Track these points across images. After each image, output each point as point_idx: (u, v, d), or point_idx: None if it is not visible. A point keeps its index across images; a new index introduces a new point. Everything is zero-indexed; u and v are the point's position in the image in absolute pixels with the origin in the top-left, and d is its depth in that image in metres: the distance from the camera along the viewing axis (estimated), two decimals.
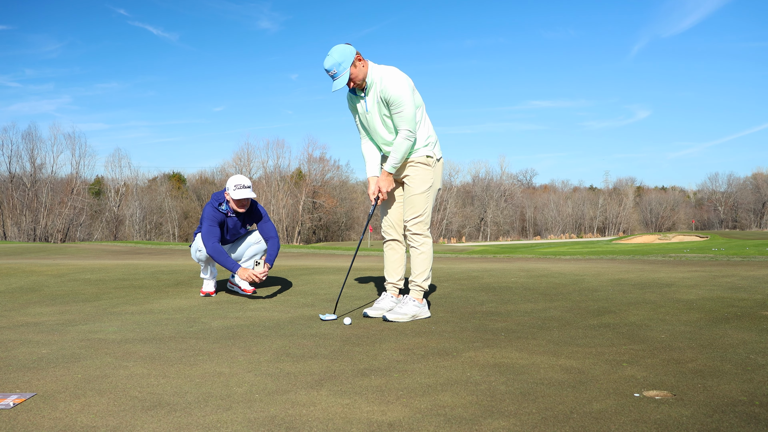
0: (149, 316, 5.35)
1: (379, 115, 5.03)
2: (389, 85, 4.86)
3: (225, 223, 6.35)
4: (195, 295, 6.61)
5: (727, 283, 6.59)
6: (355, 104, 5.16)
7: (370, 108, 5.03)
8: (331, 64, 4.79)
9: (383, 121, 5.04)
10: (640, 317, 4.92)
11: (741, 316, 4.86)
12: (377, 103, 4.98)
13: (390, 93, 4.86)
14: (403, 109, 4.87)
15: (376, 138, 5.18)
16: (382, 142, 5.17)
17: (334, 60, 4.79)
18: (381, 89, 4.90)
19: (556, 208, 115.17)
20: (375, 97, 4.97)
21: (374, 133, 5.16)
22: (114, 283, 7.64)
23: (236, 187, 6.16)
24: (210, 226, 6.19)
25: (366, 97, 5.02)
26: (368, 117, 5.08)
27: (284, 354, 3.87)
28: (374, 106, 5.00)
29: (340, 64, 4.79)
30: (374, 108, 5.01)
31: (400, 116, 4.89)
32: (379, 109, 5.00)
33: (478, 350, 3.92)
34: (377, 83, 4.93)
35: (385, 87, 4.88)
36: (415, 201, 5.12)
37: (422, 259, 5.17)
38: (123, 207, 79.49)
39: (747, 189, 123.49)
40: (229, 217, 6.34)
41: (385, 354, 3.85)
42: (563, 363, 3.56)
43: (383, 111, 4.99)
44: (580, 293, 6.19)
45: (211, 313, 5.47)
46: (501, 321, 4.91)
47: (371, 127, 5.13)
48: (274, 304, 5.95)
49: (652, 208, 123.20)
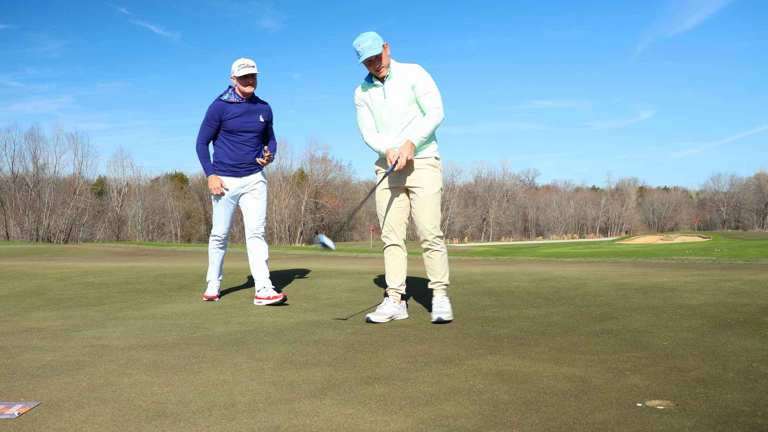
0: (152, 321, 5.36)
1: (401, 102, 5.15)
2: (418, 69, 5.18)
3: (230, 114, 6.20)
4: (198, 299, 6.62)
5: (730, 288, 6.59)
6: (369, 93, 5.29)
7: (390, 95, 5.17)
8: (367, 38, 5.06)
9: (404, 109, 5.17)
10: (642, 323, 4.93)
11: (743, 322, 4.87)
12: (400, 90, 5.14)
13: (420, 75, 5.14)
14: (431, 90, 5.15)
15: (386, 127, 5.26)
16: (392, 132, 5.25)
17: (371, 36, 5.07)
18: (408, 74, 5.14)
19: (558, 208, 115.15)
20: (398, 83, 5.15)
21: (386, 123, 5.25)
22: (117, 286, 7.66)
23: (240, 66, 6.08)
24: (205, 124, 6.27)
25: (384, 85, 5.19)
26: (385, 104, 5.20)
27: (287, 361, 3.88)
28: (396, 92, 5.16)
29: (376, 38, 5.07)
30: (395, 95, 5.16)
31: (429, 96, 5.14)
32: (402, 96, 5.15)
33: (481, 357, 3.92)
34: (402, 71, 5.17)
35: (413, 71, 5.16)
36: (430, 203, 5.25)
37: (444, 259, 5.35)
38: (125, 207, 79.57)
39: (750, 189, 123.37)
40: (232, 103, 6.21)
41: (388, 361, 3.86)
42: (566, 371, 3.56)
43: (406, 97, 5.14)
44: (583, 298, 6.20)
45: (214, 318, 5.48)
46: (504, 327, 4.92)
47: (384, 115, 5.23)
48: (276, 309, 5.96)
49: (654, 208, 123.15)
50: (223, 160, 6.30)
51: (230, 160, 6.28)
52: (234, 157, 6.28)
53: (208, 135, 6.29)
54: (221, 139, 6.30)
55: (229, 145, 6.27)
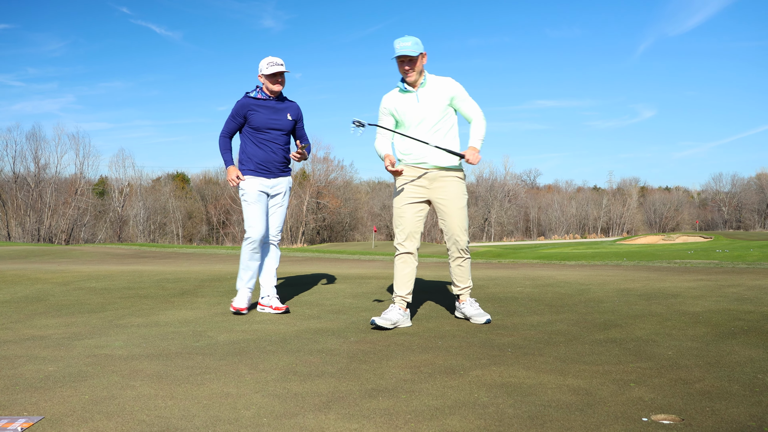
0: (155, 329, 5.35)
1: (435, 110, 5.38)
2: (455, 82, 5.47)
3: (256, 111, 6.14)
4: (201, 305, 6.61)
5: (733, 294, 6.57)
6: (399, 99, 5.46)
7: (423, 101, 5.38)
8: (409, 39, 5.27)
9: (437, 117, 5.39)
10: (646, 331, 4.91)
11: (748, 330, 4.85)
12: (435, 100, 5.38)
13: (458, 87, 5.46)
14: (470, 98, 5.50)
15: (414, 131, 5.41)
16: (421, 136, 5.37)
17: (413, 39, 5.29)
18: (446, 86, 5.42)
19: (560, 208, 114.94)
20: (434, 93, 5.39)
21: (416, 127, 5.40)
22: (119, 292, 7.65)
23: (269, 64, 6.07)
24: (230, 119, 6.24)
25: (417, 91, 5.40)
26: (417, 110, 5.38)
27: (291, 372, 3.87)
28: (430, 101, 5.38)
29: (417, 43, 5.29)
30: (429, 103, 5.38)
31: (470, 103, 5.49)
32: (436, 105, 5.38)
33: (486, 368, 3.91)
34: (438, 83, 5.43)
35: (451, 84, 5.45)
36: (461, 215, 5.51)
37: (470, 267, 5.67)
38: (127, 207, 79.45)
39: (751, 189, 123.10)
40: (259, 100, 6.17)
41: (393, 372, 3.85)
42: (570, 383, 3.55)
43: (440, 107, 5.39)
44: (586, 304, 6.18)
45: (217, 326, 5.47)
46: (507, 335, 4.91)
47: (416, 120, 5.39)
48: (279, 316, 5.95)
49: (656, 208, 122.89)
50: (252, 158, 6.21)
51: (258, 159, 6.19)
52: (262, 156, 6.18)
53: (231, 129, 6.26)
54: (248, 137, 6.24)
55: (257, 143, 6.19)
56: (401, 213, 5.46)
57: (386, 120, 5.52)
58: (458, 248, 5.52)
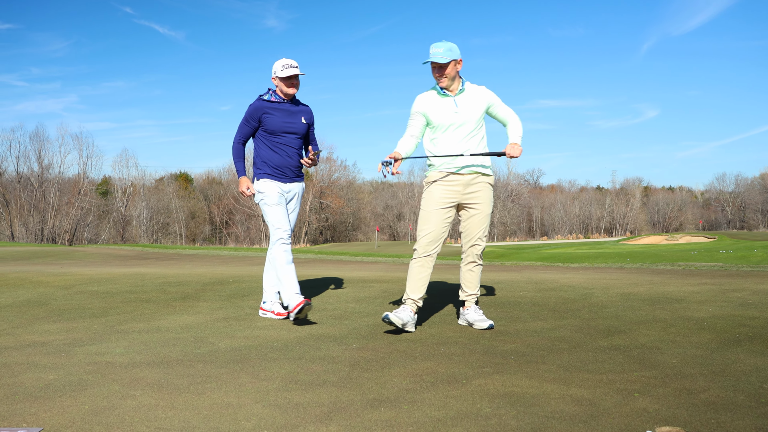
0: (156, 335, 5.32)
1: (473, 117, 5.42)
2: (490, 91, 5.56)
3: (270, 114, 6.01)
4: (202, 310, 6.58)
5: (738, 299, 6.54)
6: (435, 102, 5.44)
7: (462, 107, 5.41)
8: (442, 46, 5.31)
9: (475, 124, 5.44)
10: (650, 338, 4.88)
11: (753, 337, 4.82)
12: (474, 107, 5.43)
13: (494, 95, 5.56)
14: (503, 104, 5.59)
15: (451, 136, 5.42)
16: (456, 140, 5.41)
17: (446, 46, 5.31)
18: (484, 95, 5.51)
19: (563, 208, 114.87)
20: (472, 101, 5.45)
21: (452, 131, 5.41)
22: (121, 296, 7.63)
23: (284, 66, 5.94)
24: (243, 123, 6.10)
25: (455, 97, 5.42)
26: (455, 115, 5.39)
27: (292, 381, 3.84)
28: (469, 107, 5.42)
29: (450, 50, 5.30)
30: (468, 109, 5.42)
31: (504, 108, 5.59)
32: (475, 112, 5.43)
33: (488, 377, 3.88)
34: (477, 92, 5.50)
35: (488, 93, 5.54)
36: (486, 222, 5.54)
37: (480, 273, 5.69)
38: (130, 207, 79.52)
39: (755, 189, 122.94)
40: (273, 103, 6.04)
41: (395, 381, 3.82)
42: (574, 393, 3.52)
43: (478, 114, 5.44)
44: (590, 310, 6.15)
45: (218, 331, 5.44)
46: (510, 342, 4.87)
47: (454, 124, 5.39)
48: (281, 321, 5.92)
49: (659, 208, 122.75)
50: (268, 162, 6.06)
51: (274, 163, 6.05)
52: (279, 161, 6.05)
53: (245, 134, 6.13)
54: (262, 141, 6.08)
55: (272, 147, 6.05)
56: (429, 217, 5.41)
57: (416, 119, 5.48)
58: (475, 253, 5.53)
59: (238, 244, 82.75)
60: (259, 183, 6.09)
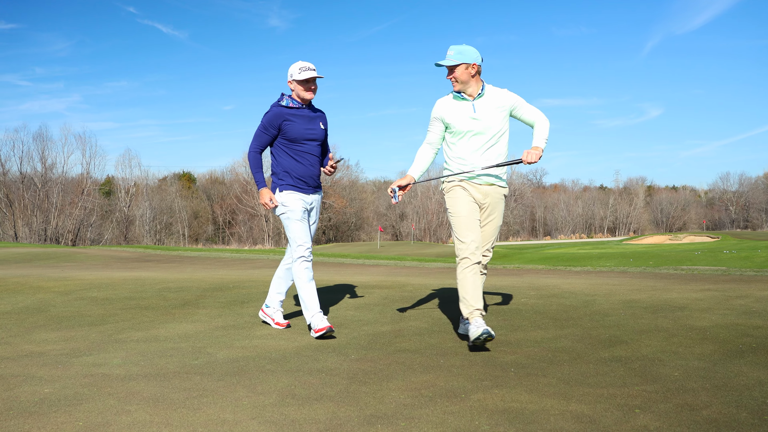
0: (154, 344, 5.29)
1: (494, 122, 5.26)
2: (512, 93, 5.36)
3: (291, 121, 5.70)
4: (201, 317, 6.55)
5: (741, 306, 6.49)
6: (453, 106, 5.29)
7: (481, 112, 5.23)
8: (454, 49, 5.18)
9: (496, 129, 5.27)
10: (652, 349, 4.83)
11: (756, 348, 4.77)
12: (494, 112, 5.25)
13: (516, 97, 5.35)
14: (528, 104, 5.40)
15: (472, 142, 5.28)
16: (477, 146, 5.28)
17: (458, 49, 5.18)
18: (505, 99, 5.31)
19: (566, 207, 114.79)
20: (492, 105, 5.26)
21: (473, 137, 5.27)
22: (121, 302, 7.60)
23: (301, 69, 5.64)
24: (261, 131, 5.77)
25: (474, 101, 5.24)
26: (474, 120, 5.23)
27: (289, 395, 3.80)
28: (488, 112, 5.24)
29: (461, 53, 5.15)
30: (488, 114, 5.24)
31: (530, 108, 5.38)
32: (495, 117, 5.26)
33: (487, 391, 3.84)
34: (497, 95, 5.30)
35: (510, 96, 5.33)
36: (496, 233, 5.52)
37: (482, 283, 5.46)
38: (133, 207, 79.56)
39: (759, 188, 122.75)
40: (292, 109, 5.73)
41: (393, 395, 3.78)
42: (574, 408, 3.48)
43: (498, 119, 5.27)
44: (591, 318, 6.10)
45: (216, 341, 5.41)
46: (511, 353, 4.83)
47: (473, 130, 5.24)
48: (279, 330, 5.88)
49: (662, 207, 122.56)
50: (290, 172, 5.74)
51: (297, 173, 5.74)
52: (301, 170, 5.75)
53: (263, 143, 5.79)
54: (283, 150, 5.76)
55: (294, 156, 5.74)
56: (467, 220, 5.21)
57: (435, 125, 5.39)
58: (483, 263, 5.44)
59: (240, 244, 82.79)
60: (282, 195, 5.76)
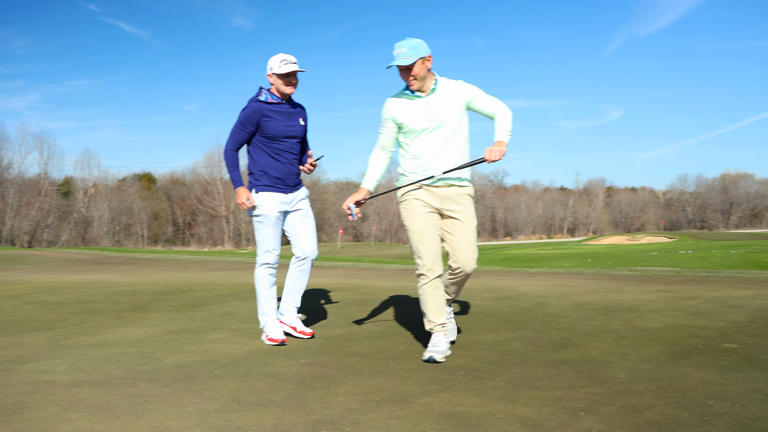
0: (103, 350, 5.20)
1: (450, 118, 4.84)
2: (468, 85, 4.94)
3: (270, 117, 5.41)
4: (153, 322, 6.47)
5: (691, 308, 6.58)
6: (404, 104, 4.91)
7: (435, 108, 4.83)
8: (405, 45, 4.73)
9: (453, 125, 4.86)
10: (601, 351, 4.88)
11: (702, 349, 4.84)
12: (449, 107, 4.84)
13: (473, 89, 4.93)
14: (487, 95, 4.96)
15: (423, 140, 4.89)
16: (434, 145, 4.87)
17: (409, 44, 4.73)
18: (460, 91, 4.89)
19: (526, 208, 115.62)
20: (447, 99, 4.85)
21: (427, 135, 4.87)
22: (71, 306, 7.48)
23: (282, 62, 5.33)
24: (239, 128, 5.47)
25: (427, 97, 4.85)
26: (427, 117, 4.83)
27: (236, 401, 3.77)
28: (443, 108, 4.84)
29: (414, 48, 4.72)
30: (442, 110, 4.84)
31: (489, 99, 4.94)
32: (451, 112, 4.84)
33: (435, 395, 3.84)
34: (452, 88, 4.89)
35: (465, 87, 4.91)
36: (473, 236, 4.94)
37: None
38: (92, 208, 78.45)
39: (715, 190, 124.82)
40: (272, 104, 5.44)
41: (340, 400, 3.76)
42: (519, 412, 3.49)
43: (455, 114, 4.85)
44: (543, 320, 6.15)
45: (166, 346, 5.34)
46: (461, 356, 4.84)
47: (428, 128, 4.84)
48: (232, 334, 5.83)
49: (621, 208, 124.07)
50: (269, 171, 5.48)
51: (276, 172, 5.49)
52: (280, 168, 5.49)
53: (240, 140, 5.49)
54: (260, 147, 5.50)
55: (272, 154, 5.48)
56: (423, 235, 4.88)
57: (386, 126, 5.01)
58: (465, 271, 4.92)
59: (200, 245, 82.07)
60: (258, 197, 5.48)
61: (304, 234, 5.66)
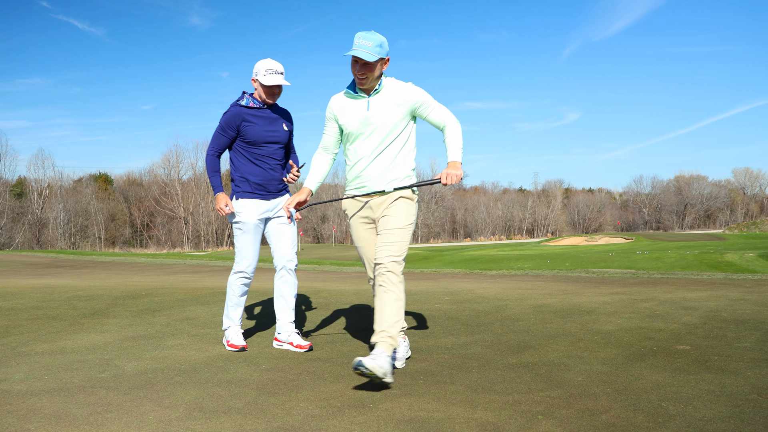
0: (60, 357, 5.15)
1: (389, 120, 4.61)
2: (416, 88, 4.71)
3: (250, 122, 5.31)
4: (111, 327, 6.41)
5: (646, 310, 6.71)
6: (346, 104, 4.74)
7: (375, 109, 4.62)
8: (371, 39, 4.49)
9: (391, 129, 4.63)
10: (559, 354, 4.95)
11: (656, 351, 4.94)
12: (390, 108, 4.62)
13: (421, 94, 4.70)
14: (436, 103, 4.74)
15: (364, 143, 4.70)
16: (370, 148, 4.68)
17: (377, 40, 4.50)
18: (405, 94, 4.66)
19: (486, 210, 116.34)
20: (389, 101, 4.63)
21: (365, 138, 4.68)
22: (27, 312, 7.37)
23: (267, 71, 5.23)
24: (219, 132, 5.38)
25: (370, 97, 4.65)
26: (367, 119, 4.64)
27: (197, 408, 3.76)
28: (383, 109, 4.62)
29: (380, 45, 4.50)
30: (383, 111, 4.62)
31: (440, 110, 4.73)
32: (391, 115, 4.61)
33: (395, 400, 3.87)
34: (396, 90, 4.67)
35: (412, 91, 4.69)
36: (396, 235, 4.61)
37: (398, 307, 4.52)
38: (46, 209, 77.27)
39: (670, 191, 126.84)
40: (253, 109, 5.34)
41: (301, 406, 3.77)
42: (479, 416, 3.53)
43: (395, 117, 4.62)
44: (502, 323, 6.21)
45: (125, 352, 5.30)
46: (421, 360, 4.88)
47: (366, 130, 4.66)
48: (192, 339, 5.80)
49: (579, 209, 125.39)
50: (249, 178, 5.37)
51: (257, 178, 5.37)
52: (261, 174, 5.37)
53: (221, 145, 5.39)
54: (241, 153, 5.39)
55: (253, 160, 5.37)
56: (364, 251, 4.89)
57: (328, 126, 4.86)
58: (383, 271, 4.56)
59: (159, 247, 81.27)
60: (238, 204, 5.39)
61: (283, 242, 5.50)
